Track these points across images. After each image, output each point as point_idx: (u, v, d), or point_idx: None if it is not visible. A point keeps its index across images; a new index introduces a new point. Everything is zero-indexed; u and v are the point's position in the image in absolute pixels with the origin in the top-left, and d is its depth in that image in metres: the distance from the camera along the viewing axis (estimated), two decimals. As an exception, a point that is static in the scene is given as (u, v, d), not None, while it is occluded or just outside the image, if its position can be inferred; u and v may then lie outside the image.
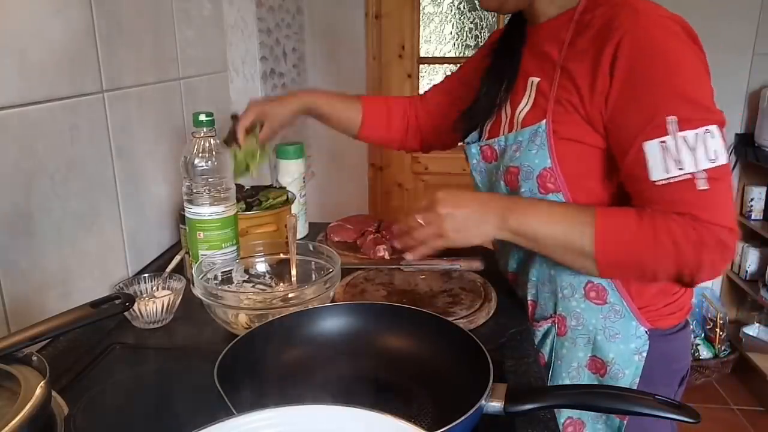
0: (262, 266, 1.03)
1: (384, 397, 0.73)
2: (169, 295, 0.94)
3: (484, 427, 0.63)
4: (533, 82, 0.91)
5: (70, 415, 0.68)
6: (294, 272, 0.99)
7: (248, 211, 1.13)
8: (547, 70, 0.88)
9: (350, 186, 2.73)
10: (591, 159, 0.85)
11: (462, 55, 2.69)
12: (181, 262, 1.05)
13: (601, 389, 0.70)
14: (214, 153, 0.94)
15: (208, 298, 0.86)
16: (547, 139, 0.85)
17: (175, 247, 1.19)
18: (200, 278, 0.89)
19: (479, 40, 2.66)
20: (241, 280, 1.00)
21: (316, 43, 2.58)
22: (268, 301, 0.88)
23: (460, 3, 2.63)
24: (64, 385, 0.77)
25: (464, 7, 2.63)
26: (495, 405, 0.63)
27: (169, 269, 1.00)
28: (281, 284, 1.01)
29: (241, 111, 1.13)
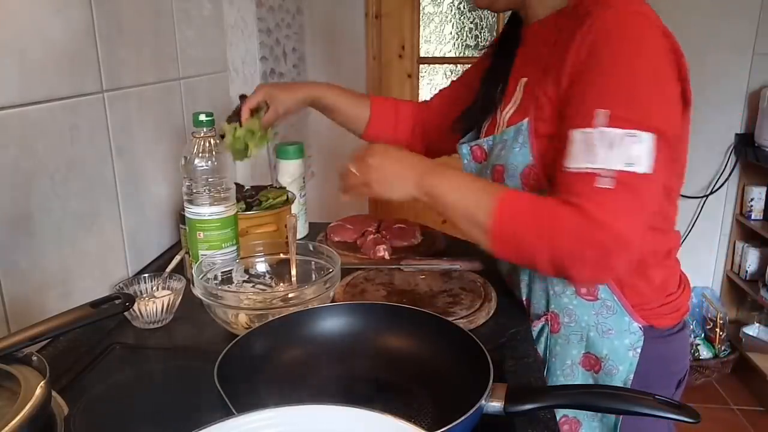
0: (262, 266, 1.03)
1: (384, 397, 0.73)
2: (169, 295, 0.94)
3: (484, 427, 0.63)
4: (522, 83, 0.92)
5: (70, 415, 0.68)
6: (294, 272, 0.99)
7: (248, 211, 1.13)
8: (535, 70, 0.89)
9: (350, 186, 2.73)
10: None
11: (462, 55, 2.69)
12: (181, 262, 1.05)
13: (601, 389, 0.70)
14: (214, 153, 0.94)
15: (208, 298, 0.86)
16: (529, 137, 0.86)
17: (175, 247, 1.19)
18: (200, 278, 0.89)
19: (479, 40, 2.66)
20: (241, 280, 1.00)
21: (316, 43, 2.58)
22: (268, 301, 0.88)
23: (460, 3, 2.62)
24: (64, 385, 0.77)
25: (464, 7, 2.63)
26: (495, 405, 0.63)
27: (169, 269, 1.00)
28: (281, 284, 1.01)
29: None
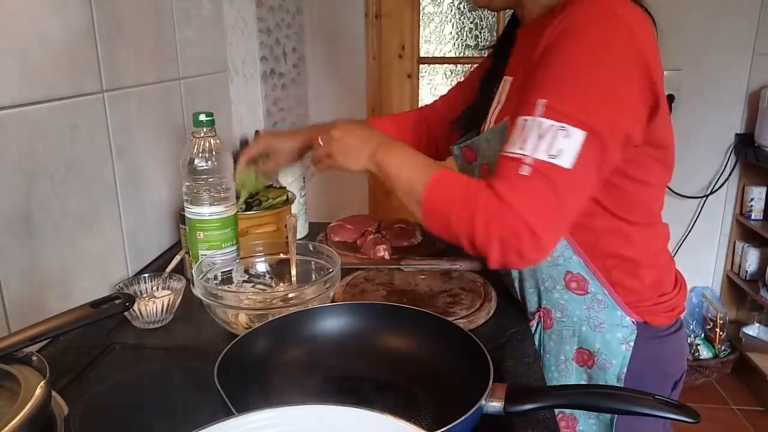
0: (262, 266, 1.03)
1: (384, 397, 0.73)
2: (169, 295, 0.94)
3: (484, 427, 0.63)
4: (508, 82, 0.93)
5: (70, 415, 0.68)
6: (294, 272, 0.99)
7: (248, 211, 1.13)
8: (522, 69, 0.89)
9: (350, 186, 2.72)
10: None
11: (462, 55, 2.69)
12: (181, 262, 1.05)
13: (601, 389, 0.70)
14: (214, 153, 0.94)
15: (208, 298, 0.86)
16: None
17: (175, 247, 1.19)
18: (200, 278, 0.89)
19: (479, 40, 2.66)
20: (241, 280, 1.00)
21: (316, 43, 2.58)
22: (268, 301, 0.88)
23: (460, 3, 2.62)
24: (64, 385, 0.77)
25: (464, 7, 2.63)
26: (495, 405, 0.63)
27: (169, 269, 1.00)
28: (281, 284, 1.01)
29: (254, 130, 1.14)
